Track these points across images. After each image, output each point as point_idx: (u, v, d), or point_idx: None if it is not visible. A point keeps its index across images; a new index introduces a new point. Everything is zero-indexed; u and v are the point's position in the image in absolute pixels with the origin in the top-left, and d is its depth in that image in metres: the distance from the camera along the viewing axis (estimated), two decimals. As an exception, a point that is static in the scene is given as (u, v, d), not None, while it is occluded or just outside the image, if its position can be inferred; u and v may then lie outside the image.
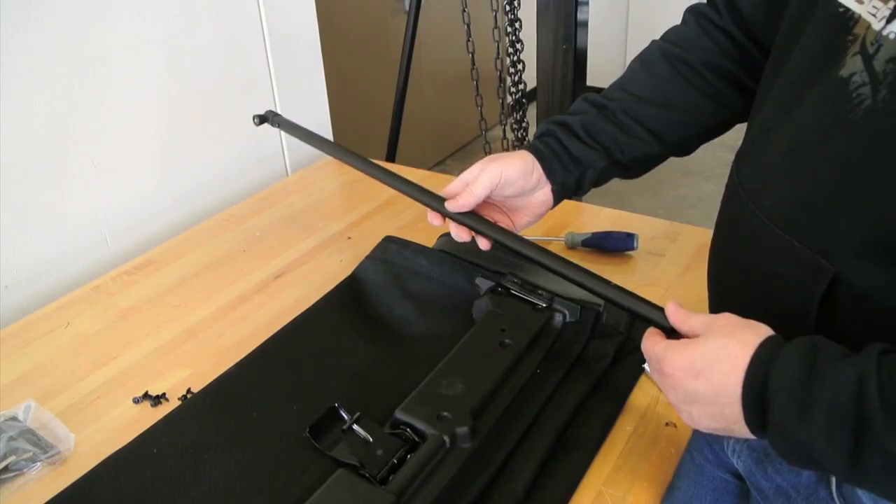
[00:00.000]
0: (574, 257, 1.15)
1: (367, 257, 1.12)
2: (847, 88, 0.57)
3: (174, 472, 0.79)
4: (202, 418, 0.87)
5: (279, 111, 1.51)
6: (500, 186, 0.82)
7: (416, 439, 0.77)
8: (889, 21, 0.54)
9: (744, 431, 0.59)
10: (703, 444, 0.86)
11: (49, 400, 0.93)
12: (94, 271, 1.23)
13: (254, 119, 1.15)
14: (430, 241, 1.12)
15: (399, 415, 0.79)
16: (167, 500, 0.76)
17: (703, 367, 0.60)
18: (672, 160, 0.90)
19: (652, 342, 0.66)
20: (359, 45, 2.84)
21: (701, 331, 0.63)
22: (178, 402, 0.91)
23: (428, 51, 3.22)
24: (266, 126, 1.18)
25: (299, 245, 1.25)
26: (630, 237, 1.14)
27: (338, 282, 1.09)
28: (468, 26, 2.06)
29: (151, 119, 1.30)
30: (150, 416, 0.89)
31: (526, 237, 0.87)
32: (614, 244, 1.15)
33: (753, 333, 0.59)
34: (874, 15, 0.56)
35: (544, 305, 0.95)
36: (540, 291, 0.97)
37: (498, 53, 2.14)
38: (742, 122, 0.82)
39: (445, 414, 0.78)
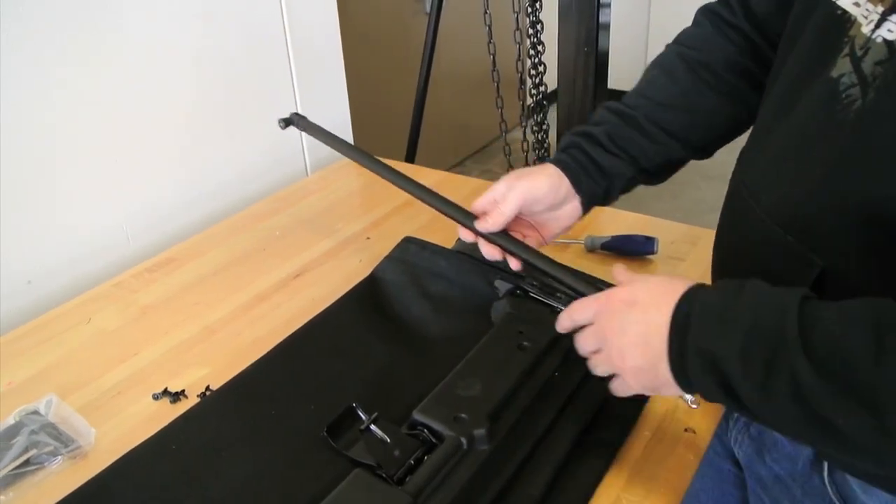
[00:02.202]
0: (593, 261, 1.15)
1: (387, 258, 1.12)
2: (837, 89, 0.57)
3: (192, 469, 0.80)
4: (220, 416, 0.87)
5: (300, 111, 1.52)
6: (528, 204, 0.82)
7: (434, 440, 0.77)
8: (878, 25, 0.55)
9: (664, 368, 0.59)
10: (714, 436, 0.87)
11: (70, 395, 0.93)
12: (116, 268, 1.24)
13: (279, 122, 1.15)
14: (449, 242, 1.12)
15: (416, 416, 0.79)
16: (185, 496, 0.77)
17: (641, 297, 0.62)
18: (691, 164, 0.90)
19: (588, 297, 0.69)
20: (379, 46, 2.85)
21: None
22: (197, 400, 0.91)
23: (448, 52, 3.22)
24: (289, 127, 1.18)
25: (319, 245, 1.25)
26: (650, 241, 1.14)
27: (357, 282, 1.09)
28: (489, 28, 2.06)
29: (174, 118, 1.31)
30: (169, 412, 0.89)
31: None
32: (634, 248, 1.14)
33: (667, 291, 0.60)
34: (865, 17, 0.57)
35: (563, 308, 0.94)
36: (559, 294, 0.96)
37: (519, 55, 2.14)
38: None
39: (463, 416, 0.78)
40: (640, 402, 0.86)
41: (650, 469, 0.79)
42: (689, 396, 0.85)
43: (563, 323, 0.71)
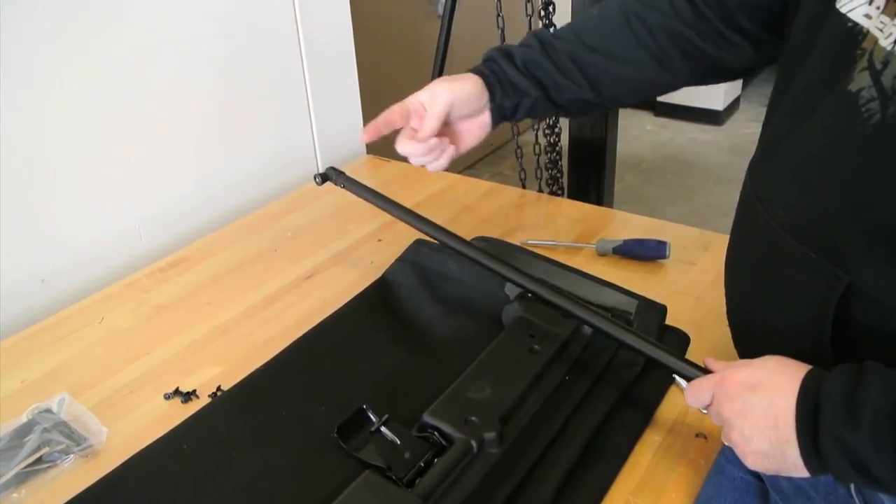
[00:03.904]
0: (605, 264, 1.15)
1: (398, 260, 1.12)
2: (856, 103, 0.57)
3: (203, 469, 0.80)
4: (231, 416, 0.88)
5: (312, 113, 1.53)
6: (456, 107, 0.88)
7: (444, 443, 0.77)
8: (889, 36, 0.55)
9: (793, 453, 0.59)
10: (725, 444, 0.86)
11: (82, 393, 0.94)
12: (129, 268, 1.25)
13: (315, 179, 1.12)
14: (460, 245, 1.12)
15: (427, 418, 0.79)
16: (196, 495, 0.77)
17: (762, 380, 0.62)
18: (703, 168, 0.91)
19: (703, 378, 0.68)
20: (391, 48, 2.85)
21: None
22: (209, 400, 0.92)
23: (461, 54, 3.21)
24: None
25: (330, 246, 1.25)
26: (662, 245, 1.13)
27: (368, 284, 1.10)
28: (502, 31, 2.06)
29: (187, 118, 1.31)
30: (181, 412, 0.90)
31: (556, 244, 0.86)
32: (646, 252, 1.14)
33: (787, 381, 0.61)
34: (881, 30, 0.56)
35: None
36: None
37: (531, 58, 2.14)
38: (679, 88, 0.88)
39: (473, 418, 0.78)
40: (649, 408, 0.86)
41: (661, 474, 0.78)
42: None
43: (691, 403, 0.71)
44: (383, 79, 2.75)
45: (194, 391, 0.93)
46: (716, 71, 0.86)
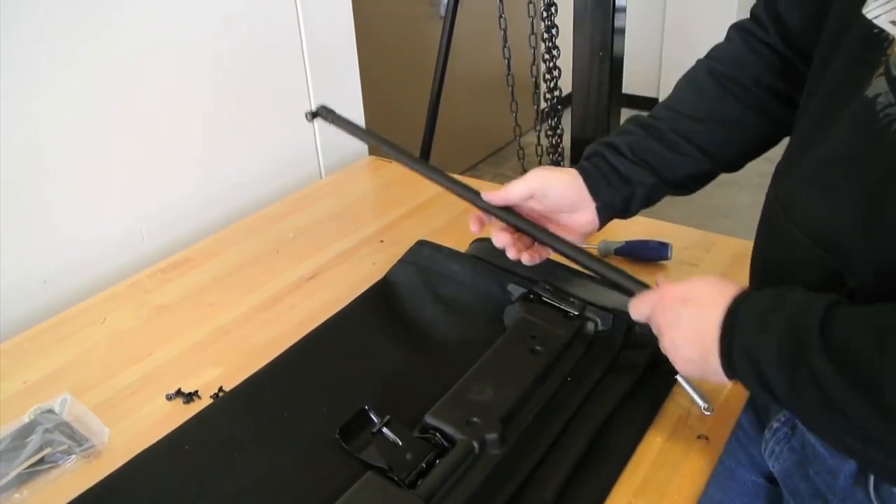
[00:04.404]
0: (607, 265, 1.14)
1: (400, 261, 1.12)
2: (874, 109, 0.58)
3: (204, 470, 0.80)
4: (233, 417, 0.87)
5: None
6: (539, 193, 0.84)
7: (445, 444, 0.77)
8: None
9: (714, 361, 0.65)
10: (737, 447, 0.86)
11: (84, 394, 0.94)
12: (131, 268, 1.25)
13: (306, 115, 1.09)
14: (462, 245, 1.12)
15: (429, 419, 0.79)
16: (197, 496, 0.77)
17: (693, 295, 0.68)
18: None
19: (645, 292, 0.75)
20: (393, 49, 2.85)
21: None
22: (210, 400, 0.92)
23: (463, 56, 3.22)
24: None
25: (332, 247, 1.25)
26: (664, 246, 1.13)
27: (370, 285, 1.10)
28: (504, 32, 2.06)
29: (190, 119, 1.31)
30: (183, 413, 0.89)
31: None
32: (648, 253, 1.14)
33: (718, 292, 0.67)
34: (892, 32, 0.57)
35: (576, 313, 0.94)
36: (572, 299, 0.96)
37: (534, 59, 2.14)
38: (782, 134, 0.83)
39: (475, 419, 0.78)
40: (651, 409, 0.86)
41: (662, 475, 0.78)
42: (702, 403, 0.85)
43: (633, 316, 0.77)
44: (385, 80, 2.75)
45: (196, 392, 0.93)
46: None
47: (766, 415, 0.85)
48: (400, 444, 0.77)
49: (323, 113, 1.08)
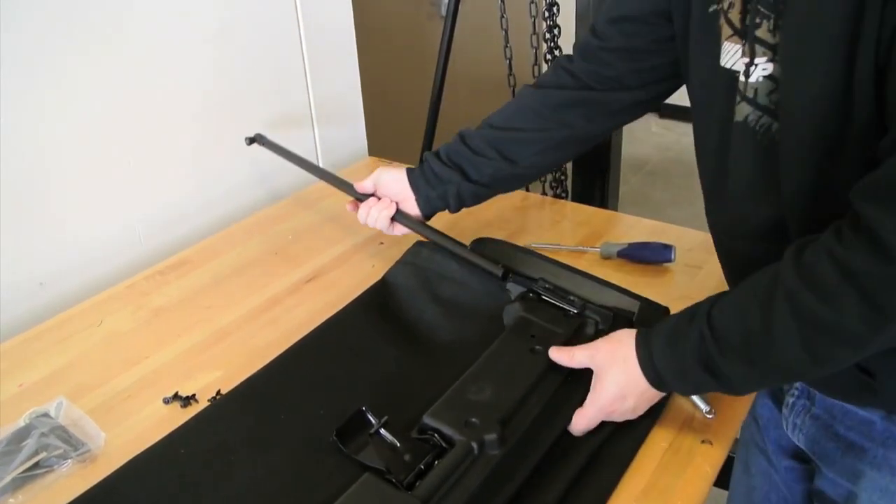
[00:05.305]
0: (610, 268, 1.13)
1: (398, 262, 1.11)
2: (748, 127, 0.72)
3: (201, 473, 0.79)
4: (231, 420, 0.87)
5: (314, 115, 1.53)
6: (379, 185, 1.08)
7: (444, 445, 0.76)
8: (747, 75, 0.71)
9: (644, 383, 0.77)
10: (759, 438, 0.98)
11: (80, 397, 0.93)
12: (128, 271, 1.24)
13: (245, 140, 1.29)
14: (462, 246, 1.11)
15: (427, 420, 0.78)
16: (194, 500, 0.77)
17: (624, 391, 0.78)
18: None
19: (581, 417, 0.81)
20: (393, 50, 2.84)
21: (587, 362, 0.82)
22: (208, 404, 0.91)
23: (464, 55, 3.21)
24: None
25: (331, 249, 1.25)
26: (667, 248, 1.12)
27: (368, 286, 1.09)
28: (506, 32, 2.05)
29: (187, 120, 1.31)
30: (180, 416, 0.89)
31: (560, 247, 0.85)
32: (651, 255, 1.13)
33: (621, 342, 0.80)
34: (741, 70, 0.71)
35: (576, 312, 0.93)
36: (572, 297, 0.95)
37: (535, 60, 2.13)
38: (599, 141, 1.04)
39: (474, 420, 0.77)
40: (654, 411, 0.84)
41: (666, 480, 0.77)
42: (704, 407, 0.84)
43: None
44: (385, 80, 2.74)
45: (194, 395, 0.92)
46: (632, 111, 0.99)
47: (780, 395, 0.92)
48: (398, 445, 0.76)
49: (259, 139, 1.31)
